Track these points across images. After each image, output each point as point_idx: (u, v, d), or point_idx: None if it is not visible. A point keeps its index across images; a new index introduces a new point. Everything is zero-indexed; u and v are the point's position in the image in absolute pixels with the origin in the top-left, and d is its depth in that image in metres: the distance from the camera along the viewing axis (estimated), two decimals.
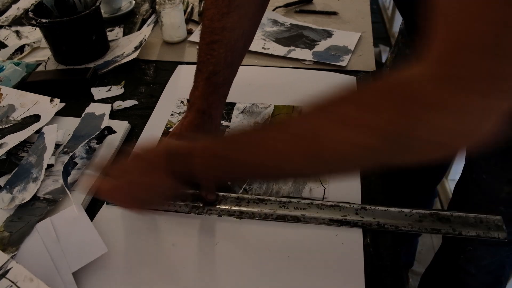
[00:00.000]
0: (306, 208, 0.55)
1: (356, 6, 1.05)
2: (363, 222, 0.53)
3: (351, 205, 0.55)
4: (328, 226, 0.54)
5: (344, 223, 0.53)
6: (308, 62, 0.85)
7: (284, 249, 0.52)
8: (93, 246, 0.52)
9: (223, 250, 0.52)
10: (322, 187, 0.59)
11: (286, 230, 0.54)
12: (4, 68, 0.82)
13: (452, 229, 0.52)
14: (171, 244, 0.53)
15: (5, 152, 0.65)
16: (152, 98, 0.78)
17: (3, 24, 1.05)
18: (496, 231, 0.52)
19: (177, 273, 0.50)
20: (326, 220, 0.54)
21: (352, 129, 0.35)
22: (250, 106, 0.74)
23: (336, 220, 0.54)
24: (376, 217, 0.54)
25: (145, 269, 0.51)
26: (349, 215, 0.54)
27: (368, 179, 0.60)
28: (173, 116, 0.73)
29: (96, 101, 0.78)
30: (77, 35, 0.85)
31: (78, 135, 0.69)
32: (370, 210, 0.54)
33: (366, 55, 0.87)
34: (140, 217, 0.56)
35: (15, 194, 0.59)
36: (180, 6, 0.90)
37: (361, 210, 0.55)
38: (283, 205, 0.56)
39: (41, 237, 0.53)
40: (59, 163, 0.63)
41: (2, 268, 0.48)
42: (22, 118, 0.73)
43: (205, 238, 0.54)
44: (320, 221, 0.54)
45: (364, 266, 0.49)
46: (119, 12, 1.05)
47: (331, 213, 0.54)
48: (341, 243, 0.52)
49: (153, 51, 0.92)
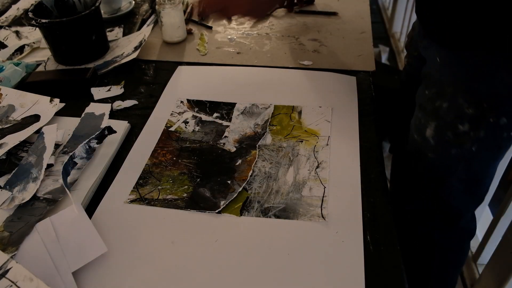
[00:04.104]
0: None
1: (356, 6, 1.05)
2: None
3: None
4: (329, 224, 0.54)
5: None
6: (308, 62, 0.85)
7: (284, 246, 0.52)
8: (93, 245, 0.51)
9: (223, 248, 0.52)
10: (322, 186, 0.59)
11: (286, 228, 0.54)
12: (4, 69, 0.82)
13: None
14: (171, 241, 0.53)
15: (5, 152, 0.65)
16: (152, 98, 0.78)
17: (3, 25, 1.05)
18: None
19: (177, 270, 0.50)
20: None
21: None
22: (250, 107, 0.74)
23: None
24: None
25: (145, 268, 0.51)
26: None
27: (368, 178, 0.60)
28: (173, 116, 0.73)
29: (96, 101, 0.78)
30: (77, 35, 0.85)
31: (78, 135, 0.69)
32: None
33: (366, 55, 0.87)
34: (139, 214, 0.57)
35: (15, 194, 0.59)
36: (179, 6, 0.90)
37: None
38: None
39: (41, 237, 0.53)
40: (59, 163, 0.63)
41: (2, 268, 0.48)
42: (22, 118, 0.73)
43: (204, 235, 0.54)
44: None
45: (364, 265, 0.49)
46: (119, 12, 1.05)
47: None
48: (341, 241, 0.52)
49: (153, 51, 0.92)
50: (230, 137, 0.69)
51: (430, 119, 0.72)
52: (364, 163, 0.62)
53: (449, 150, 0.72)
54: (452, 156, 0.72)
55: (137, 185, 0.61)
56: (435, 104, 0.70)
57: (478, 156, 0.71)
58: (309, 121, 0.70)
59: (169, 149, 0.67)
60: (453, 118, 0.68)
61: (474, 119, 0.66)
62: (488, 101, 0.65)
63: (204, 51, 0.91)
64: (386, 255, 0.51)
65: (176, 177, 0.62)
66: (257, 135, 0.68)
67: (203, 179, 0.61)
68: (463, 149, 0.70)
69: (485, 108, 0.65)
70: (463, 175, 0.74)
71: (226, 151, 0.66)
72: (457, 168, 0.74)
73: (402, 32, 2.20)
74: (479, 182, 0.78)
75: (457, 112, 0.67)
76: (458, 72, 0.66)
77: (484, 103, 0.65)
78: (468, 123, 0.67)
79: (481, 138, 0.68)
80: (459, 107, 0.67)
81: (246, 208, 0.57)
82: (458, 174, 0.75)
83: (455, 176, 0.75)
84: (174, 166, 0.64)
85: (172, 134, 0.70)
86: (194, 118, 0.73)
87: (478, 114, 0.66)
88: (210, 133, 0.70)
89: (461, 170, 0.74)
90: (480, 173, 0.76)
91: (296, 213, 0.56)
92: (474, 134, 0.68)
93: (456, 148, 0.71)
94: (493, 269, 1.04)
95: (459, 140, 0.70)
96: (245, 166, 0.63)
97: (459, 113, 0.67)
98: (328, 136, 0.67)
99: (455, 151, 0.71)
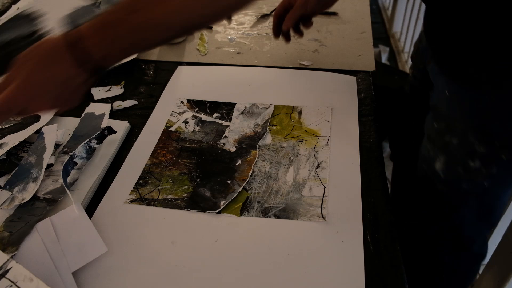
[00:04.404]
0: None
1: (356, 6, 1.05)
2: None
3: None
4: (329, 224, 0.54)
5: None
6: (308, 62, 0.85)
7: (284, 246, 0.52)
8: (93, 245, 0.51)
9: (223, 248, 0.52)
10: (322, 186, 0.59)
11: (286, 228, 0.54)
12: None
13: None
14: (171, 241, 0.53)
15: (5, 152, 0.65)
16: (152, 98, 0.78)
17: None
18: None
19: (177, 270, 0.50)
20: None
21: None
22: (250, 107, 0.74)
23: None
24: None
25: (145, 268, 0.51)
26: None
27: (368, 178, 0.60)
28: (173, 116, 0.73)
29: (96, 101, 0.78)
30: None
31: (77, 135, 0.69)
32: None
33: (366, 55, 0.87)
34: (139, 214, 0.57)
35: (15, 194, 0.59)
36: None
37: None
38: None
39: (41, 237, 0.53)
40: (59, 163, 0.63)
41: (2, 268, 0.47)
42: (22, 118, 0.73)
43: (204, 235, 0.54)
44: None
45: (364, 265, 0.49)
46: None
47: None
48: (341, 241, 0.52)
49: (153, 51, 0.92)
50: (230, 137, 0.69)
51: (439, 152, 0.69)
52: (364, 163, 0.62)
53: (460, 184, 0.69)
54: (463, 190, 0.69)
55: (137, 185, 0.61)
56: (444, 138, 0.67)
57: (491, 190, 0.68)
58: (309, 121, 0.70)
59: (169, 149, 0.67)
60: (463, 154, 0.65)
61: (485, 156, 0.63)
62: (500, 140, 0.61)
63: (204, 51, 0.91)
64: (386, 255, 0.51)
65: (176, 177, 0.62)
66: (257, 135, 0.68)
67: (203, 179, 0.61)
68: (475, 184, 0.67)
69: (498, 146, 0.62)
70: (475, 206, 0.71)
71: (226, 151, 0.66)
72: (469, 200, 0.70)
73: (402, 32, 2.20)
74: (492, 210, 0.74)
75: (467, 148, 0.64)
76: (469, 109, 0.62)
77: (497, 141, 0.61)
78: (479, 161, 0.64)
79: (494, 175, 0.65)
80: (469, 144, 0.63)
81: (246, 208, 0.57)
82: (470, 205, 0.71)
83: (467, 207, 0.71)
84: (174, 166, 0.64)
85: (172, 134, 0.70)
86: (194, 118, 0.73)
87: (490, 152, 0.62)
88: (210, 133, 0.70)
89: (473, 202, 0.70)
90: (494, 204, 0.73)
91: (296, 213, 0.56)
92: (486, 171, 0.64)
93: (467, 183, 0.67)
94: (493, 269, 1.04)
95: (470, 176, 0.66)
96: (245, 166, 0.63)
97: (469, 149, 0.64)
98: (328, 136, 0.67)
99: (466, 185, 0.68)
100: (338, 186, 0.59)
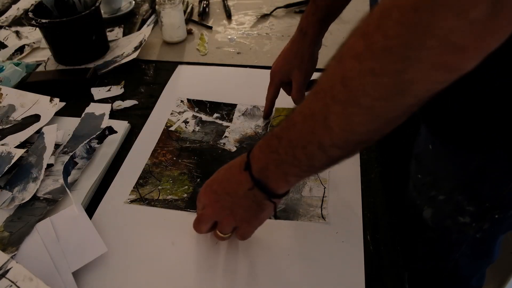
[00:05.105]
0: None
1: (356, 6, 1.05)
2: None
3: None
4: (329, 224, 0.54)
5: None
6: None
7: (284, 247, 0.52)
8: (93, 245, 0.51)
9: (223, 248, 0.52)
10: (322, 186, 0.59)
11: (286, 228, 0.54)
12: (4, 69, 0.82)
13: None
14: (171, 242, 0.53)
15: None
16: (152, 98, 0.78)
17: (3, 25, 1.05)
18: None
19: (177, 271, 0.50)
20: None
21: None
22: (251, 109, 0.74)
23: None
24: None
25: (145, 268, 0.51)
26: None
27: (368, 178, 0.60)
28: (173, 115, 0.73)
29: (96, 101, 0.78)
30: (77, 35, 0.85)
31: (78, 135, 0.69)
32: None
33: None
34: (139, 214, 0.56)
35: (15, 194, 0.59)
36: (180, 6, 0.90)
37: None
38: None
39: (41, 237, 0.53)
40: (59, 163, 0.63)
41: (2, 268, 0.48)
42: (22, 118, 0.73)
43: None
44: None
45: (364, 265, 0.49)
46: (119, 12, 1.05)
47: None
48: (341, 241, 0.52)
49: (153, 51, 0.92)
50: (230, 137, 0.69)
51: (426, 204, 0.63)
52: (364, 163, 0.62)
53: (450, 235, 0.64)
54: (454, 240, 0.64)
55: (137, 185, 0.61)
56: (430, 193, 0.62)
57: (483, 240, 0.63)
58: None
59: (169, 149, 0.67)
60: (451, 210, 0.60)
61: (475, 214, 0.58)
62: (491, 201, 0.56)
63: (204, 51, 0.91)
64: (386, 255, 0.51)
65: (176, 177, 0.62)
66: (258, 136, 0.68)
67: (203, 179, 0.61)
68: (466, 235, 0.62)
69: (488, 207, 0.57)
70: (469, 251, 0.66)
71: (227, 151, 0.66)
72: (461, 248, 0.65)
73: None
74: (489, 251, 0.68)
75: (455, 206, 0.59)
76: (455, 170, 0.57)
77: (487, 203, 0.56)
78: (469, 217, 0.59)
79: (486, 229, 0.60)
80: (457, 202, 0.58)
81: None
82: (462, 252, 0.66)
83: (459, 252, 0.66)
84: (174, 166, 0.64)
85: (172, 134, 0.70)
86: (194, 118, 0.73)
87: (481, 211, 0.57)
88: (210, 133, 0.70)
89: (465, 249, 0.65)
90: (490, 245, 0.66)
91: (296, 214, 0.56)
92: (477, 225, 0.60)
93: (457, 233, 0.63)
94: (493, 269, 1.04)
95: (460, 229, 0.61)
96: None
97: (458, 207, 0.59)
98: None
99: (457, 236, 0.63)
100: (338, 186, 0.59)
